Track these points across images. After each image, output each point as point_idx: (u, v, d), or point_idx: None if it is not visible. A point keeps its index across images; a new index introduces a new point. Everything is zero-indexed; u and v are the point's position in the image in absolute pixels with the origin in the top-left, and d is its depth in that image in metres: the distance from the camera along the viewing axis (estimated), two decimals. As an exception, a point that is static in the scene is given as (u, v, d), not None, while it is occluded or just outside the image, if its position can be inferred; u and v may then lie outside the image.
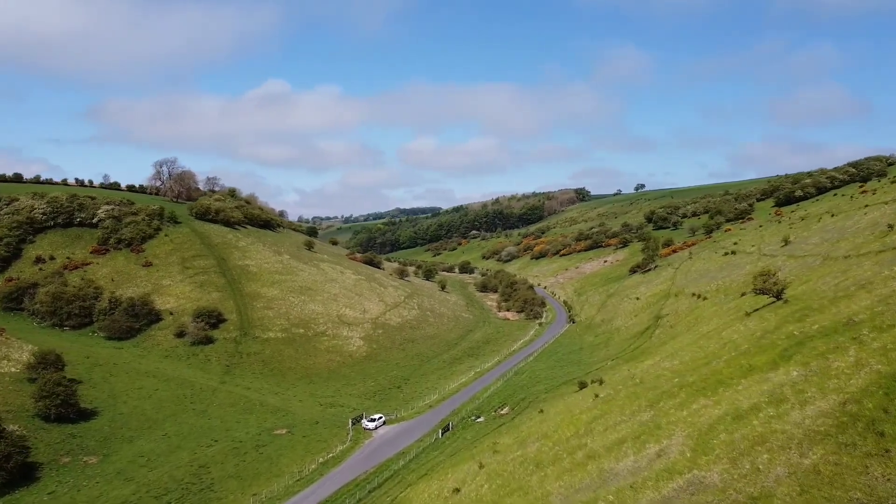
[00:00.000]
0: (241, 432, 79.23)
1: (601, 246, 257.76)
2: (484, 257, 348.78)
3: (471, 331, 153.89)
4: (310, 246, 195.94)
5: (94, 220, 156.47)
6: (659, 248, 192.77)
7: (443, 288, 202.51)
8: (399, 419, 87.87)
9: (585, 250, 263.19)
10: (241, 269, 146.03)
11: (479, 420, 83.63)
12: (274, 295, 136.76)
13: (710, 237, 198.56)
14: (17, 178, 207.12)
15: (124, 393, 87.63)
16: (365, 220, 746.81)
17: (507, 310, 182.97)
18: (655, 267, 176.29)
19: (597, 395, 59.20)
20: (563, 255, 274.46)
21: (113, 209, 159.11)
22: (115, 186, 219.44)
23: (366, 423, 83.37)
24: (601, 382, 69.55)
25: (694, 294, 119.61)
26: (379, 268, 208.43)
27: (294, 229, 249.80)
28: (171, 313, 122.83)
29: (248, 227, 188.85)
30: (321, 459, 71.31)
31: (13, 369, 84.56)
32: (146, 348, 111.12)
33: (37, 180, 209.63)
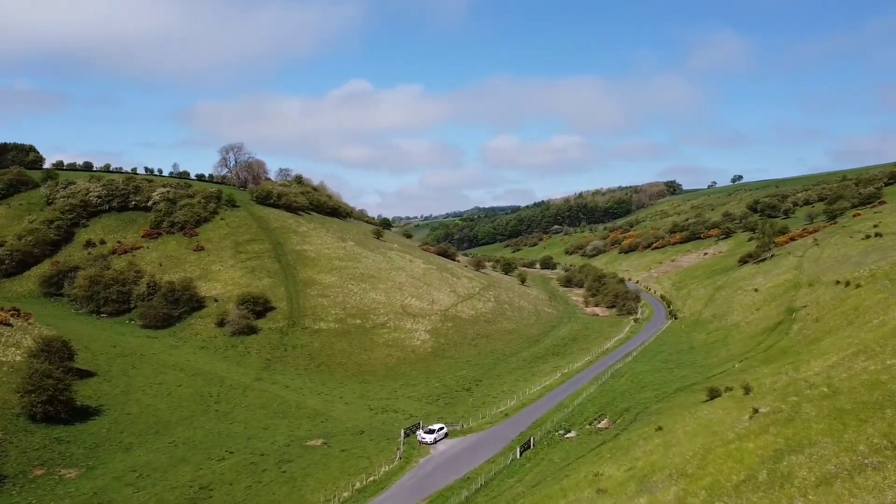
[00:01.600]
0: (266, 442, 63.12)
1: (699, 237, 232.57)
2: (567, 252, 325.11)
3: (554, 327, 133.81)
4: (378, 234, 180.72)
5: (149, 204, 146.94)
6: (775, 236, 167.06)
7: (522, 282, 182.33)
8: (465, 430, 69.40)
9: (681, 242, 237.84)
10: (297, 254, 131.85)
11: (569, 435, 64.34)
12: (331, 282, 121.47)
13: (834, 223, 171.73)
14: (87, 167, 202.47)
15: (140, 389, 73.70)
16: (444, 218, 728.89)
17: (596, 305, 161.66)
18: (772, 256, 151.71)
19: (755, 410, 38.95)
20: (656, 248, 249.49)
21: (168, 192, 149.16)
22: (185, 176, 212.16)
23: (422, 436, 65.21)
24: (747, 390, 49.05)
25: (838, 282, 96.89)
26: (453, 259, 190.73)
27: (366, 221, 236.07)
28: (216, 300, 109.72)
29: (313, 213, 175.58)
30: (358, 484, 53.75)
31: (17, 358, 71.97)
32: (182, 338, 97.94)
33: (106, 169, 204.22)
